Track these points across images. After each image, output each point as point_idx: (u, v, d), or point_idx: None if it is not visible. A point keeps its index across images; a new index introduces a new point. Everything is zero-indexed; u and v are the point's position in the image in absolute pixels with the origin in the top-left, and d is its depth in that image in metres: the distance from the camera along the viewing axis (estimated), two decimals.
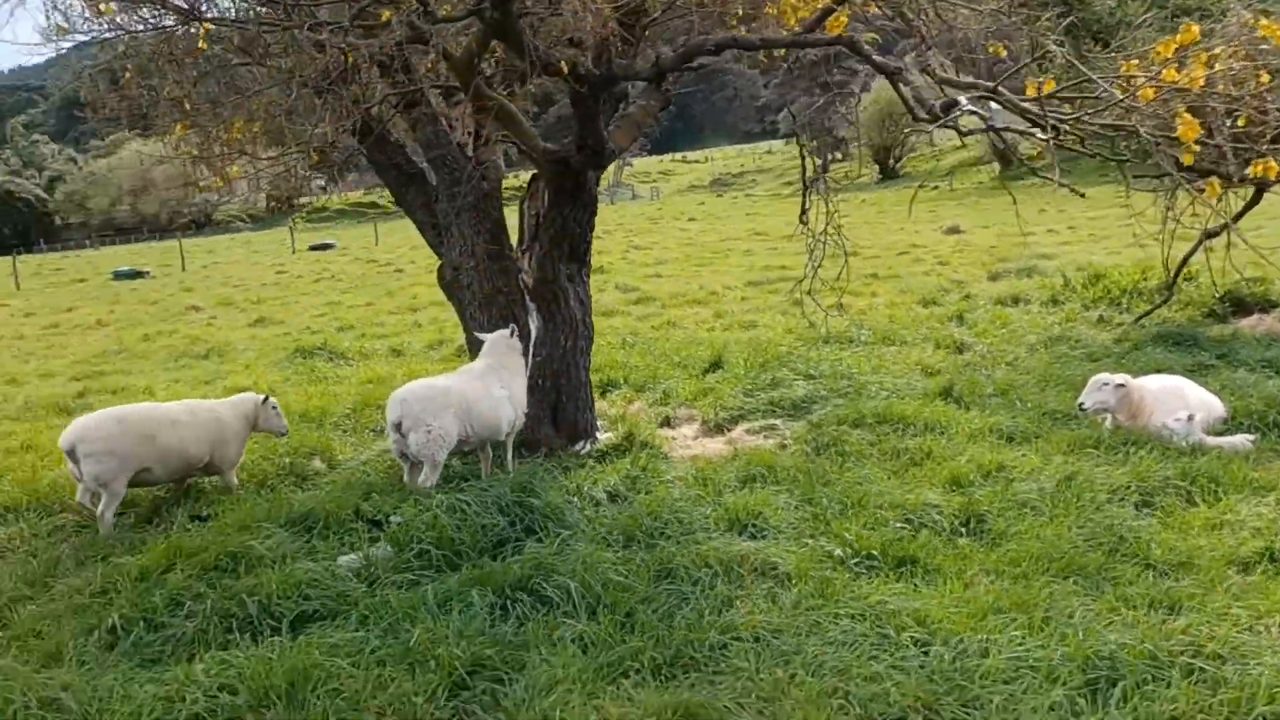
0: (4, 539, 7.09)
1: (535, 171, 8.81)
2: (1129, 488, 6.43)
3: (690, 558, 5.65)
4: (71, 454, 7.03)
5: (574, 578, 5.41)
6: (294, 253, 47.20)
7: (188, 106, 7.29)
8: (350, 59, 7.07)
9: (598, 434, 8.66)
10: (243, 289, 29.26)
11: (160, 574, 5.82)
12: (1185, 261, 12.17)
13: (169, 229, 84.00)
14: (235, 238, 74.01)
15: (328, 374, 12.96)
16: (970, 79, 7.12)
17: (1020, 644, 4.50)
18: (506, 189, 9.57)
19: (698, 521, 6.28)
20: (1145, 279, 14.55)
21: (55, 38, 6.92)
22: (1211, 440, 7.32)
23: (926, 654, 4.53)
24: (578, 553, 5.76)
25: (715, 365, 11.31)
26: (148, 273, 38.33)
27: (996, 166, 61.63)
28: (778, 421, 8.94)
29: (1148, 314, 12.23)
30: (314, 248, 49.13)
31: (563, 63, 6.08)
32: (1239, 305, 12.67)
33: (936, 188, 59.07)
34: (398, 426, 7.18)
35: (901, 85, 6.15)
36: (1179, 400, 7.71)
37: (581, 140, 7.18)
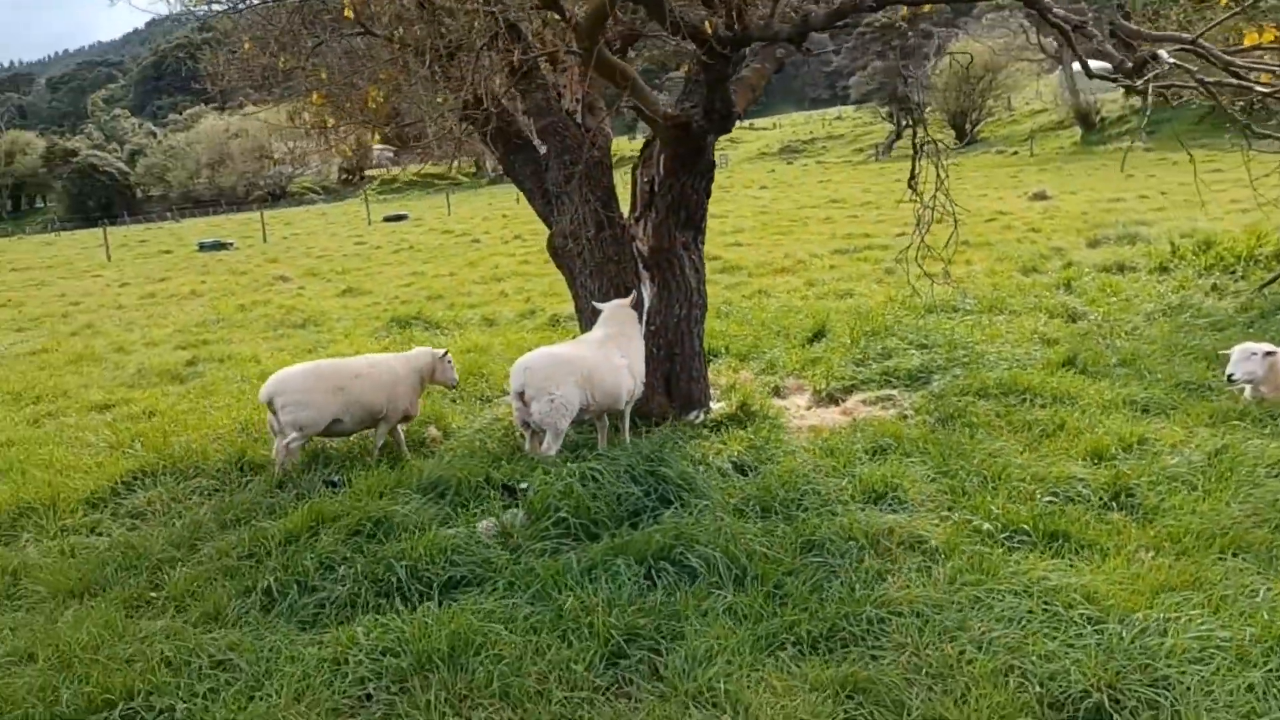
0: (144, 502, 7.25)
1: (649, 138, 8.72)
2: None
3: (833, 530, 5.55)
4: (270, 404, 7.47)
5: (717, 548, 5.35)
6: (369, 224, 47.71)
7: (324, 75, 7.28)
8: (475, 26, 7.05)
9: (710, 403, 8.58)
10: (326, 259, 29.65)
11: (307, 538, 5.90)
12: None
13: (245, 201, 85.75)
14: (310, 209, 75.12)
15: (427, 343, 13.04)
16: (1169, 31, 6.75)
17: (1201, 623, 4.34)
18: (615, 157, 9.50)
19: (833, 493, 6.18)
20: (1260, 245, 14.04)
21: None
22: None
23: (1101, 632, 4.38)
24: (718, 523, 5.70)
25: (818, 335, 11.16)
26: (231, 244, 39.07)
27: (1079, 131, 59.96)
28: (894, 392, 8.78)
29: (1271, 281, 11.75)
30: (388, 219, 49.63)
31: (707, 24, 5.94)
32: None
33: (1016, 153, 57.65)
34: (520, 395, 7.18)
35: (1081, 42, 5.87)
36: None
37: (710, 104, 7.05)
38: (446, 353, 8.39)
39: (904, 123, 77.65)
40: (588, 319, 8.96)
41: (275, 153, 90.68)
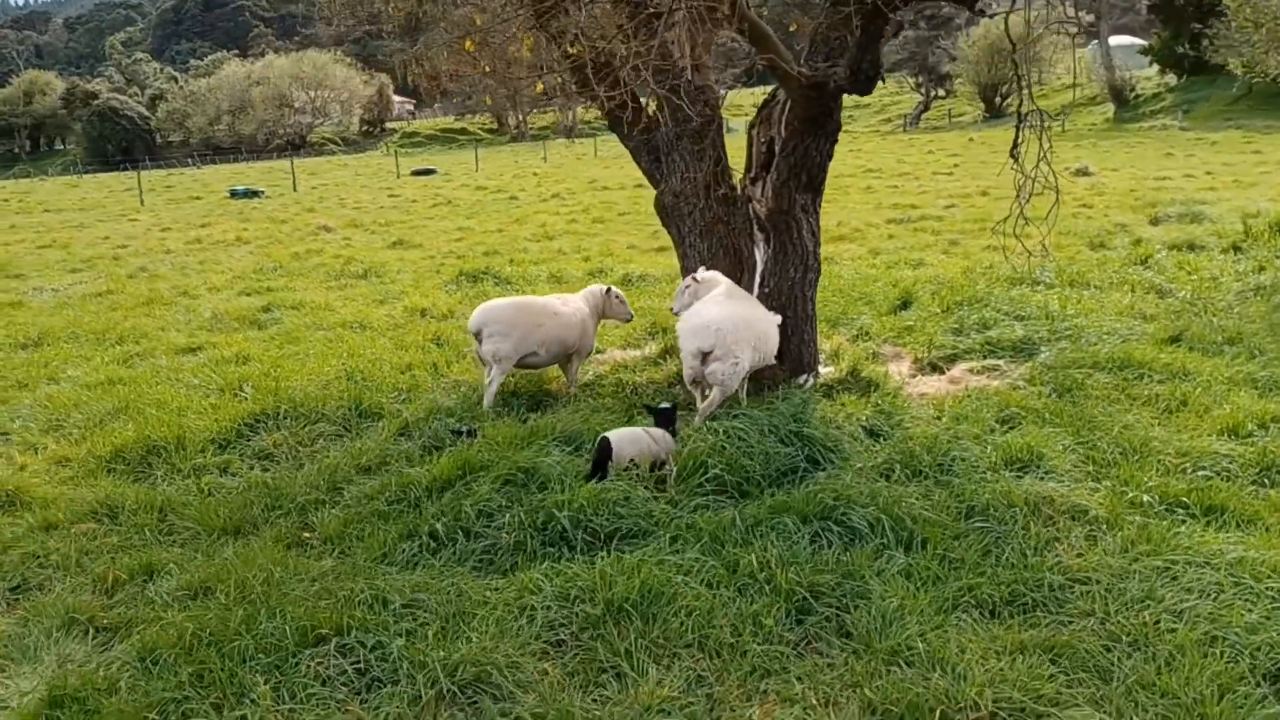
0: (269, 444, 7.30)
1: (768, 98, 8.66)
2: None
3: (991, 496, 5.57)
4: (479, 334, 7.92)
5: (881, 510, 5.38)
6: (398, 178, 47.53)
7: (478, 21, 7.23)
8: None
9: (819, 368, 8.59)
10: (364, 211, 29.58)
11: (461, 486, 5.93)
12: None
13: (265, 149, 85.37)
14: (331, 160, 74.77)
15: (499, 295, 13.04)
16: None
17: None
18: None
19: (977, 459, 6.20)
20: None
21: None
22: None
23: None
24: (871, 485, 5.73)
25: (905, 303, 11.14)
26: (263, 192, 38.95)
27: (1112, 107, 59.43)
28: (999, 362, 8.77)
29: None
30: (416, 172, 49.46)
31: None
32: None
33: (1048, 127, 57.03)
34: (705, 355, 7.10)
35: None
36: None
37: (858, 63, 6.97)
38: (611, 288, 8.76)
39: (933, 93, 76.73)
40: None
41: (295, 101, 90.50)
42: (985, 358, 8.95)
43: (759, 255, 8.52)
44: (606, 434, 6.15)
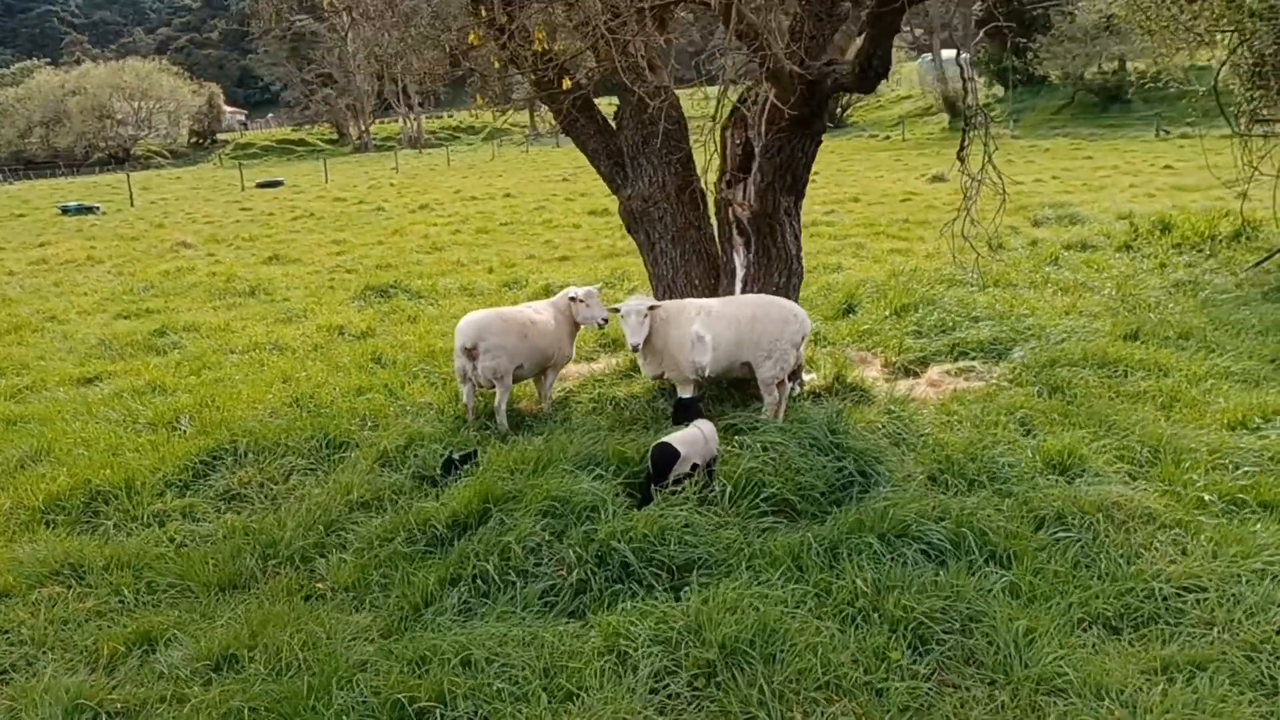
0: (235, 483, 6.49)
1: (742, 97, 8.34)
2: None
3: (1060, 504, 5.38)
4: (471, 351, 7.31)
5: (957, 525, 5.11)
6: (243, 190, 45.12)
7: (483, 14, 6.61)
8: None
9: (803, 375, 8.32)
10: (219, 226, 27.80)
11: (491, 519, 5.34)
12: None
13: (84, 163, 79.87)
14: (160, 173, 70.47)
15: (423, 314, 12.30)
16: None
17: None
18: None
19: (1019, 464, 6.02)
20: (1216, 226, 14.75)
21: None
22: None
23: None
24: (941, 499, 5.45)
25: (850, 307, 11.04)
26: (98, 208, 36.15)
27: (946, 117, 62.17)
28: (973, 363, 8.72)
29: (1265, 260, 12.32)
30: (262, 185, 47.02)
31: None
32: None
33: (888, 137, 59.31)
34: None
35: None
36: None
37: (868, 60, 6.72)
38: (588, 290, 8.01)
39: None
40: (666, 286, 8.55)
41: (117, 113, 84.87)
42: (957, 359, 8.89)
43: (739, 261, 8.20)
44: (665, 439, 5.74)
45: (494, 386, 7.60)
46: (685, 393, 7.26)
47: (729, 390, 7.99)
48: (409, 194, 35.87)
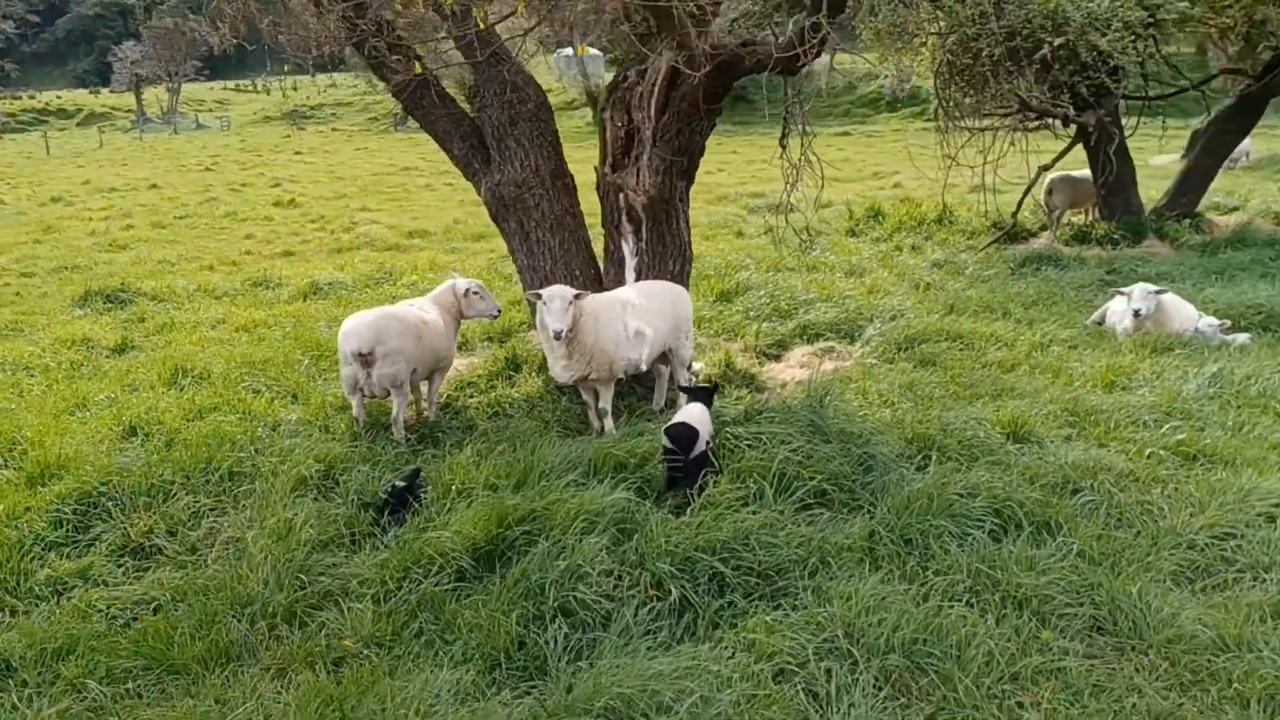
0: (134, 534, 5.21)
1: (619, 79, 7.97)
2: None
3: (1068, 470, 5.60)
4: (367, 357, 6.50)
5: (990, 498, 5.20)
6: None
7: None
8: None
9: (692, 364, 8.13)
10: None
11: (517, 545, 4.71)
12: (1029, 191, 13.87)
13: None
14: None
15: (176, 320, 10.63)
16: None
17: None
18: None
19: (987, 437, 6.22)
20: (923, 213, 16.39)
21: None
22: (1232, 338, 8.64)
23: None
24: (969, 477, 5.45)
25: None
26: None
27: (590, 111, 64.12)
28: (832, 344, 8.97)
29: (995, 241, 13.81)
30: None
31: None
32: (1016, 235, 14.63)
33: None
34: None
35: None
36: (1188, 308, 8.97)
37: (802, 40, 6.53)
38: (472, 284, 7.57)
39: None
40: (543, 278, 8.00)
41: None
42: (812, 341, 9.12)
43: (628, 249, 7.84)
44: (681, 420, 5.54)
45: (388, 395, 6.76)
46: (606, 394, 6.84)
47: (630, 385, 7.66)
48: (24, 186, 31.01)
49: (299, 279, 12.73)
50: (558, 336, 6.40)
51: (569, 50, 67.74)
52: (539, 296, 6.51)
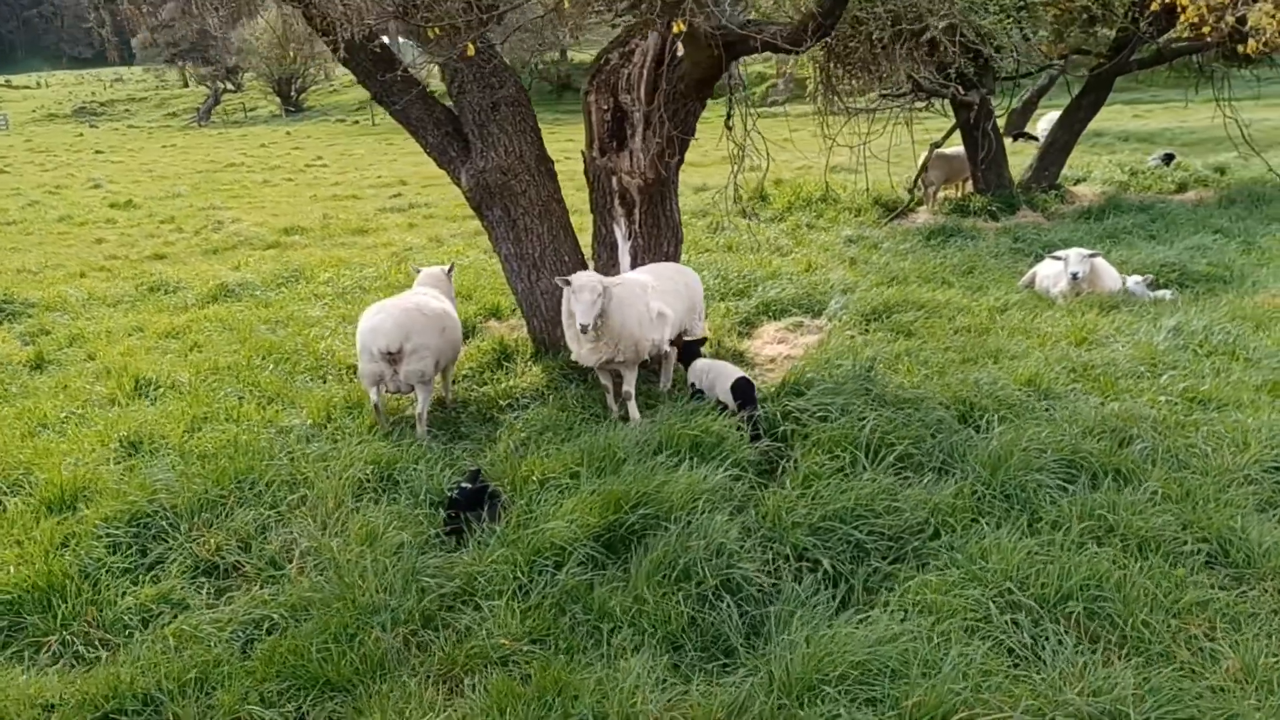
0: (205, 552, 4.76)
1: (603, 62, 7.81)
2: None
3: (1105, 422, 5.92)
4: (395, 355, 6.22)
5: (1059, 451, 5.47)
6: None
7: None
8: None
9: None
10: None
11: (631, 528, 4.64)
12: (924, 169, 14.49)
13: None
14: None
15: (87, 331, 9.76)
16: None
17: None
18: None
19: (1019, 395, 6.48)
20: (810, 193, 16.88)
21: None
22: (1156, 294, 9.35)
23: None
24: (1039, 432, 5.68)
25: None
26: None
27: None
28: (801, 319, 9.13)
29: (899, 214, 14.38)
30: None
31: None
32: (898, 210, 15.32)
33: (357, 121, 57.74)
34: None
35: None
36: (1113, 269, 9.65)
37: (827, 14, 6.55)
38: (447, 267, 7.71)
39: (224, 87, 72.64)
40: (532, 266, 7.82)
41: None
42: (779, 318, 9.26)
43: (620, 233, 7.75)
44: (741, 375, 6.17)
45: (412, 390, 6.47)
46: (630, 376, 6.77)
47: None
48: None
49: (198, 283, 11.91)
50: (584, 330, 6.27)
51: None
52: (568, 283, 6.34)
